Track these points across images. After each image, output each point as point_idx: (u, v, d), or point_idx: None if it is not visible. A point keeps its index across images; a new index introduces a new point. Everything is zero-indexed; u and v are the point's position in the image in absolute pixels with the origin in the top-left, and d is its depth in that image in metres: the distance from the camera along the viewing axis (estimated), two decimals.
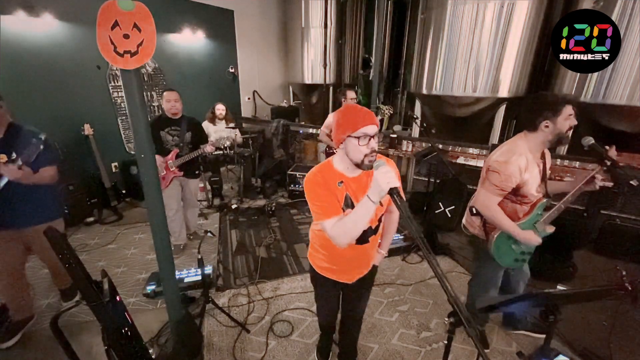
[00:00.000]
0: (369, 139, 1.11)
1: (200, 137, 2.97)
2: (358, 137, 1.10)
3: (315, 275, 1.51)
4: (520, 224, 1.64)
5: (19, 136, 1.84)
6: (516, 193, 1.62)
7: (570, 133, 1.51)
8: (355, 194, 1.24)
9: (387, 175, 1.00)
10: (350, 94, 3.30)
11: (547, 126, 1.52)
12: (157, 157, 2.71)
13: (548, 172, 1.68)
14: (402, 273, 2.79)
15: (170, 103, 2.73)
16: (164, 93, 2.77)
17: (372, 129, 1.11)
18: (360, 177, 1.25)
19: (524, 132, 1.61)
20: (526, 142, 1.59)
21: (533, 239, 1.62)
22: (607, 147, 1.56)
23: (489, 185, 1.62)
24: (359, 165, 1.16)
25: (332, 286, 1.50)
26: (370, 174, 1.25)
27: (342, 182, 1.22)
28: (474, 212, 1.72)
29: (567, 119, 1.48)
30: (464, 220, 1.93)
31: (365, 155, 1.11)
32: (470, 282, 2.10)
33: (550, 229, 1.71)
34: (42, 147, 1.73)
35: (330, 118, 3.48)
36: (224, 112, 4.23)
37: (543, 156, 1.65)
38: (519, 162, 1.54)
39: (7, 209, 1.83)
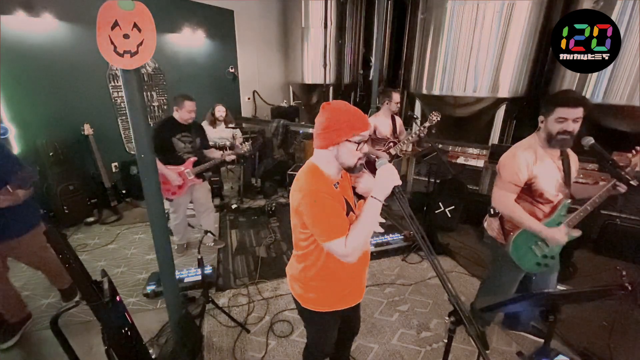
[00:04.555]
0: (364, 143, 1.08)
1: (206, 142, 2.91)
2: (357, 142, 1.05)
3: (319, 318, 1.29)
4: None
5: None
6: (531, 189, 1.58)
7: (563, 137, 1.45)
8: (347, 196, 1.17)
9: (391, 173, 1.00)
10: (397, 97, 3.10)
11: (541, 122, 1.53)
12: (172, 167, 2.65)
13: (573, 173, 1.62)
14: (402, 273, 2.79)
15: (190, 114, 2.60)
16: (186, 102, 2.56)
17: (368, 132, 1.08)
18: (343, 179, 1.19)
19: None
20: (536, 138, 1.60)
21: (559, 236, 1.53)
22: (637, 148, 1.52)
23: (501, 181, 1.61)
24: (350, 169, 1.11)
25: (338, 318, 1.34)
26: (345, 173, 1.21)
27: (337, 183, 1.14)
28: (492, 213, 1.67)
29: (557, 122, 1.45)
30: (484, 223, 1.89)
31: (359, 159, 1.08)
32: (481, 285, 2.09)
33: (576, 233, 1.64)
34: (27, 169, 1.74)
35: (373, 119, 3.25)
36: (224, 115, 4.21)
37: (564, 154, 1.60)
38: (525, 155, 1.54)
39: None
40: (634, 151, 1.52)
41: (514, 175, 1.55)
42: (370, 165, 1.14)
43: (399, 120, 3.27)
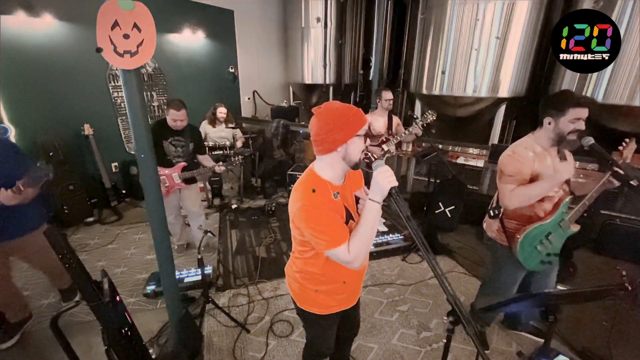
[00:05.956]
0: (366, 136, 1.10)
1: (200, 147, 2.84)
2: (364, 136, 1.08)
3: (317, 319, 1.30)
4: (545, 224, 1.60)
5: None
6: None
7: (573, 137, 1.48)
8: (348, 204, 1.17)
9: (387, 175, 1.00)
10: (387, 95, 3.15)
11: (549, 123, 1.53)
12: (160, 169, 2.57)
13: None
14: (402, 273, 2.79)
15: (176, 122, 2.53)
16: (171, 110, 2.50)
17: (367, 124, 1.11)
18: (344, 185, 1.19)
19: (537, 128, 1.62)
20: (533, 138, 1.62)
21: (566, 170, 1.47)
22: (626, 141, 1.54)
23: (505, 177, 1.60)
24: (357, 165, 1.11)
25: (336, 319, 1.36)
26: (348, 178, 1.22)
27: (338, 192, 1.13)
28: (492, 214, 1.68)
29: (572, 122, 1.47)
30: (483, 224, 1.89)
31: (362, 152, 1.10)
32: (482, 286, 2.09)
33: (575, 228, 1.66)
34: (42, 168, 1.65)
35: (369, 116, 3.27)
36: (225, 115, 4.21)
37: (561, 152, 1.62)
38: (525, 153, 1.57)
39: None
40: (623, 144, 1.53)
41: (519, 168, 1.56)
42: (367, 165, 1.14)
43: (395, 119, 3.31)
